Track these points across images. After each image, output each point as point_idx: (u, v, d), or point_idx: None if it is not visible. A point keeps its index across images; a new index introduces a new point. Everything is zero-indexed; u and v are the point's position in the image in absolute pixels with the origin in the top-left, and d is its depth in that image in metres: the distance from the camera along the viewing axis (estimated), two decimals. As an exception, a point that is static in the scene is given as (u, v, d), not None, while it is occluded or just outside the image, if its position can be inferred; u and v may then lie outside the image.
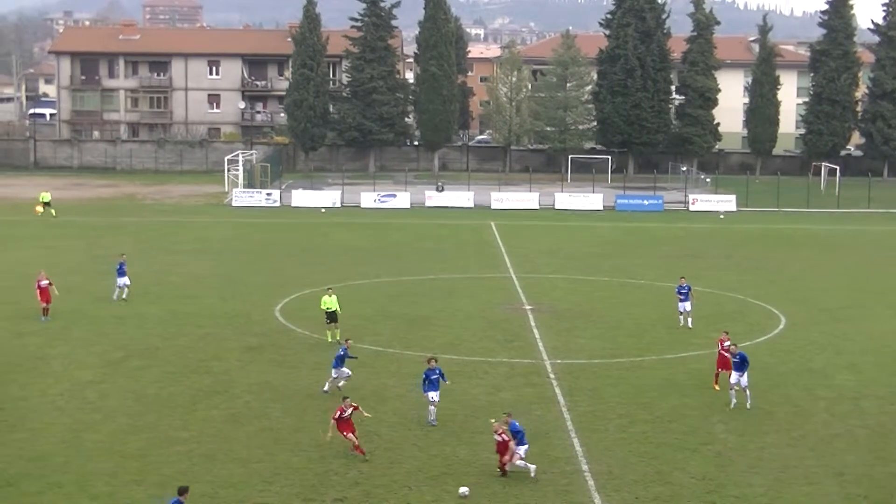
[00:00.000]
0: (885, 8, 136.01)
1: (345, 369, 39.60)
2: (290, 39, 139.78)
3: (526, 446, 31.66)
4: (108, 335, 48.46)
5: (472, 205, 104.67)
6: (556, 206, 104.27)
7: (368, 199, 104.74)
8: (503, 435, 31.42)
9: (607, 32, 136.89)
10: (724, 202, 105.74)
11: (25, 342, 46.94)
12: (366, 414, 33.70)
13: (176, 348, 46.33)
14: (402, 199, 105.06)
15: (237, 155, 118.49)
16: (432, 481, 31.23)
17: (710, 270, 68.52)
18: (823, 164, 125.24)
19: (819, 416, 37.84)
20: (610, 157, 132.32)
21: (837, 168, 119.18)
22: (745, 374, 38.19)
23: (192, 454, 33.21)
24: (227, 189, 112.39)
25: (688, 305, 50.77)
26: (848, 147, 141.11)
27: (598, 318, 53.48)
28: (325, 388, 39.66)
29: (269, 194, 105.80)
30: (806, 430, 36.25)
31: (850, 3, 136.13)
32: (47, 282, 51.60)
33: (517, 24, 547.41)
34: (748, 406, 38.04)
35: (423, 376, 36.45)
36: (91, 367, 43.00)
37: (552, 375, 42.73)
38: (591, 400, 39.40)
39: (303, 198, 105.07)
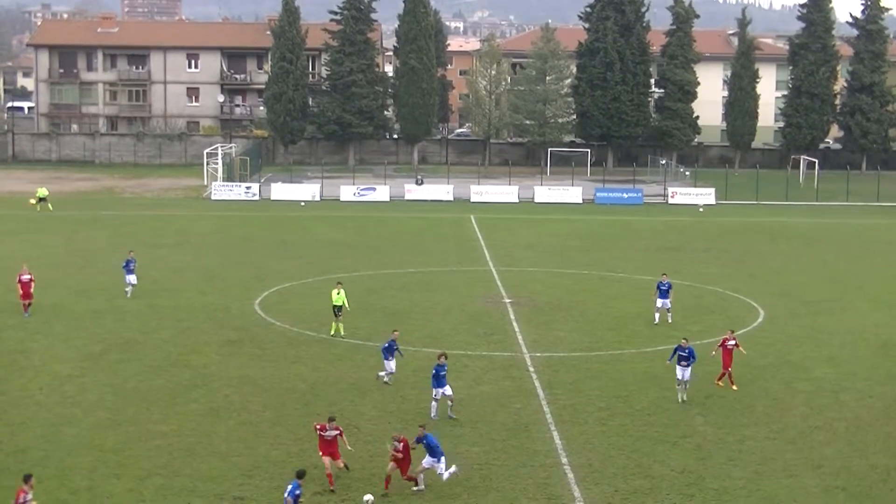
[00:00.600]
0: (863, 2, 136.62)
1: (392, 363, 39.82)
2: (269, 32, 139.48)
3: (443, 459, 30.42)
4: (87, 329, 48.32)
5: (451, 198, 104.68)
6: (536, 200, 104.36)
7: (348, 192, 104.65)
8: (398, 452, 30.18)
9: (587, 26, 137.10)
10: (704, 195, 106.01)
11: (4, 336, 46.74)
12: (349, 447, 31.75)
13: (155, 342, 46.21)
14: (382, 193, 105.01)
15: (216, 148, 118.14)
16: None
17: (690, 263, 68.66)
18: (802, 157, 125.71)
19: (798, 409, 37.96)
20: (589, 151, 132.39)
21: (816, 161, 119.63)
22: (690, 369, 38.22)
23: (171, 448, 33.14)
24: (206, 182, 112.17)
25: (668, 302, 50.54)
26: (826, 140, 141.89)
27: (577, 312, 53.52)
28: (384, 377, 40.13)
29: (248, 188, 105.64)
30: (785, 423, 36.37)
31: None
32: (29, 276, 51.10)
33: (497, 18, 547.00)
34: (684, 399, 38.16)
35: (433, 371, 36.46)
36: (70, 362, 42.86)
37: (531, 368, 42.77)
38: (570, 393, 39.44)
39: (282, 191, 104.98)
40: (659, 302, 50.54)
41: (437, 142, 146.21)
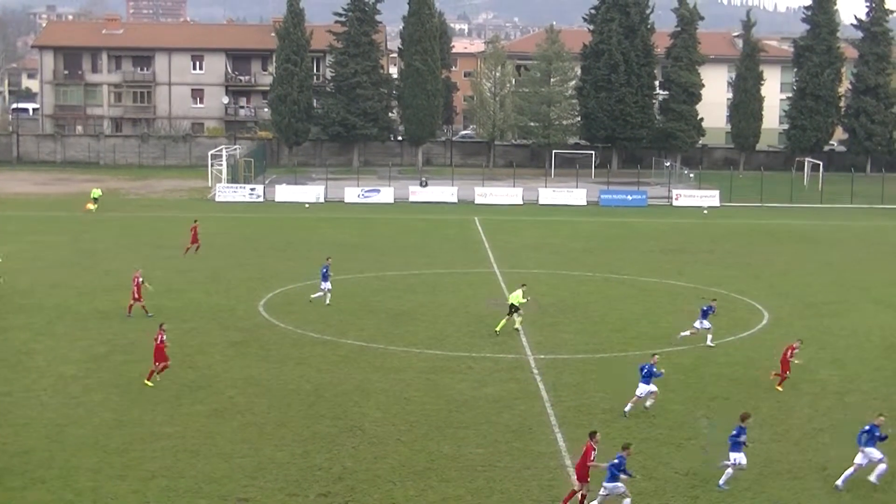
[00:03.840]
0: (867, 4, 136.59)
1: (652, 386, 37.17)
2: (273, 34, 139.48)
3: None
4: (92, 330, 48.34)
5: (455, 200, 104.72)
6: (540, 202, 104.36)
7: (352, 194, 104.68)
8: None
9: (591, 27, 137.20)
10: (708, 197, 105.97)
11: (9, 337, 46.77)
12: None
13: (160, 343, 46.17)
14: (386, 194, 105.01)
15: (221, 150, 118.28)
16: (416, 476, 31.18)
17: (694, 265, 68.68)
18: (807, 159, 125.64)
19: (803, 411, 37.92)
20: (594, 153, 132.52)
21: (821, 163, 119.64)
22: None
23: (176, 449, 33.13)
24: (210, 184, 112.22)
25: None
26: (831, 142, 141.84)
27: (581, 313, 53.49)
28: (627, 408, 37.07)
29: (252, 189, 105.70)
30: (790, 425, 36.34)
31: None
32: (141, 280, 51.24)
33: (501, 20, 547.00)
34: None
35: (734, 431, 31.68)
36: (75, 362, 42.88)
37: (536, 370, 42.72)
38: (574, 395, 39.40)
39: (286, 193, 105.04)
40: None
41: (442, 143, 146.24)
